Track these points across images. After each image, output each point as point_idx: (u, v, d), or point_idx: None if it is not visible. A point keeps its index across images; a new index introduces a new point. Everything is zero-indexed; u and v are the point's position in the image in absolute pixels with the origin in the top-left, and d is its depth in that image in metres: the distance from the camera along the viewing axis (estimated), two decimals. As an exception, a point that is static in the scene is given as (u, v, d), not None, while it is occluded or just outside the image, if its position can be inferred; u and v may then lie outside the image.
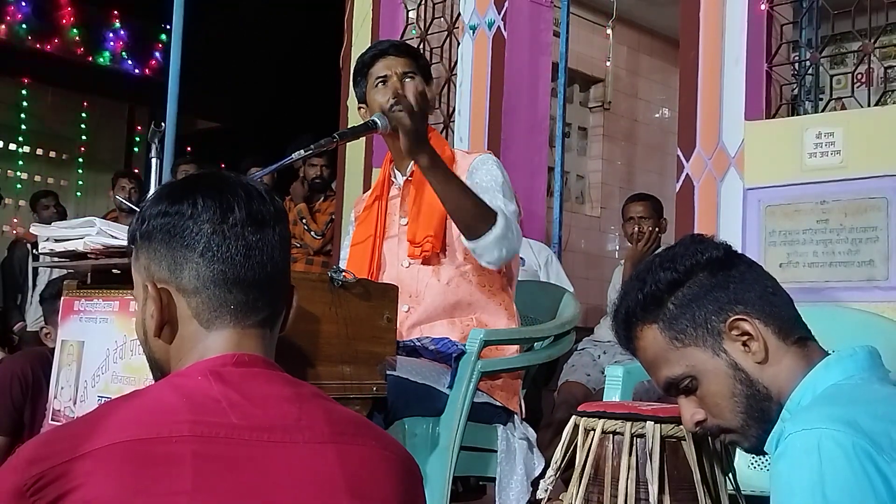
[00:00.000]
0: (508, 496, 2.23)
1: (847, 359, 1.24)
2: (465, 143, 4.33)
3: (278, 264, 1.12)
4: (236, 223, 1.09)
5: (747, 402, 1.27)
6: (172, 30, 3.95)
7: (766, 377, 1.26)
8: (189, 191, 1.12)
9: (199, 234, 1.09)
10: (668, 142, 5.73)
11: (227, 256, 1.08)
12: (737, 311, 1.27)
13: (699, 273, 1.30)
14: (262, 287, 1.10)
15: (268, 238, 1.11)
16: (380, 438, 1.11)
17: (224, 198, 1.10)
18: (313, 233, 4.83)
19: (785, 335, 1.27)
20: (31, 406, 2.95)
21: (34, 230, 2.12)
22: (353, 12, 4.86)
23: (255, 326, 1.11)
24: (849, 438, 1.05)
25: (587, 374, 3.88)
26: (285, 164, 2.21)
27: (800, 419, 1.12)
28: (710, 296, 1.28)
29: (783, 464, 1.10)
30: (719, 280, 1.29)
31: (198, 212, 1.09)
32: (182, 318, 1.11)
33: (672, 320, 1.29)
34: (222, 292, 1.09)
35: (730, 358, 1.27)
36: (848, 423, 1.07)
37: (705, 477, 1.87)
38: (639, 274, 1.34)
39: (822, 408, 1.14)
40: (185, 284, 1.10)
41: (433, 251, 2.31)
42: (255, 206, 1.11)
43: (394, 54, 2.38)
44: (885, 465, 1.04)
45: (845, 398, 1.16)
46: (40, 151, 9.46)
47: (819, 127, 3.20)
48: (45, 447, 0.96)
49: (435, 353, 2.21)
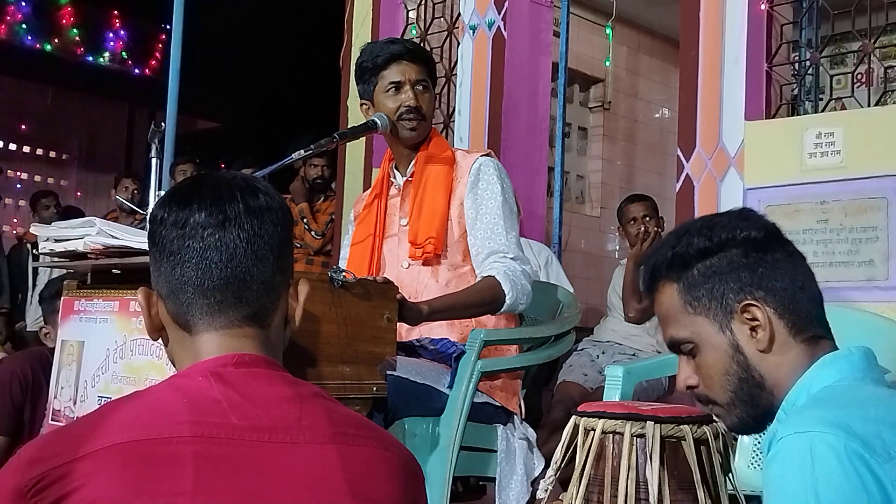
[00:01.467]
0: (508, 496, 2.23)
1: (842, 359, 1.24)
2: (465, 142, 4.33)
3: (243, 262, 1.10)
4: (196, 225, 1.09)
5: (738, 384, 1.27)
6: (172, 30, 3.95)
7: (766, 366, 1.26)
8: (167, 197, 1.15)
9: (165, 239, 1.11)
10: (668, 142, 5.73)
11: (185, 259, 1.09)
12: (754, 296, 1.26)
13: (732, 249, 1.28)
14: (226, 287, 1.09)
15: (229, 237, 1.09)
16: (381, 438, 1.11)
17: (188, 202, 1.11)
18: (313, 233, 4.82)
19: (797, 331, 1.26)
20: (31, 406, 2.95)
21: (34, 230, 2.12)
22: (353, 12, 4.86)
23: (235, 326, 1.10)
24: (841, 441, 1.05)
25: (584, 374, 3.88)
26: (285, 164, 2.21)
27: (792, 422, 1.13)
28: (734, 274, 1.27)
29: (776, 467, 1.10)
30: (749, 261, 1.28)
31: (167, 218, 1.11)
32: (166, 322, 1.13)
33: (692, 286, 1.30)
34: (186, 296, 1.10)
35: (734, 338, 1.27)
36: (840, 426, 1.07)
37: (705, 477, 1.87)
38: (678, 231, 1.34)
39: (814, 411, 1.14)
40: (161, 290, 1.12)
41: (434, 252, 2.31)
42: (221, 206, 1.10)
43: (409, 60, 2.36)
44: (877, 466, 1.04)
45: (837, 401, 1.17)
46: (40, 151, 9.46)
47: (819, 127, 3.20)
48: (46, 448, 0.97)
49: (435, 353, 2.21)
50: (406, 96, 2.33)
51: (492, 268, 2.27)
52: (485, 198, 2.34)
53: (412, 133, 2.37)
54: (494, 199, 2.33)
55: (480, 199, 2.34)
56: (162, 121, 2.44)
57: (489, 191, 2.34)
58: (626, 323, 4.05)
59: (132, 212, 4.89)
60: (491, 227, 2.31)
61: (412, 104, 2.33)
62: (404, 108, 2.33)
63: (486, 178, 2.35)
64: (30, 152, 9.37)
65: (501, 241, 2.30)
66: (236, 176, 1.17)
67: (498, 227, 2.31)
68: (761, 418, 1.28)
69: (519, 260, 2.31)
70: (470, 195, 2.35)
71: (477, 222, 2.33)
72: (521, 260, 2.32)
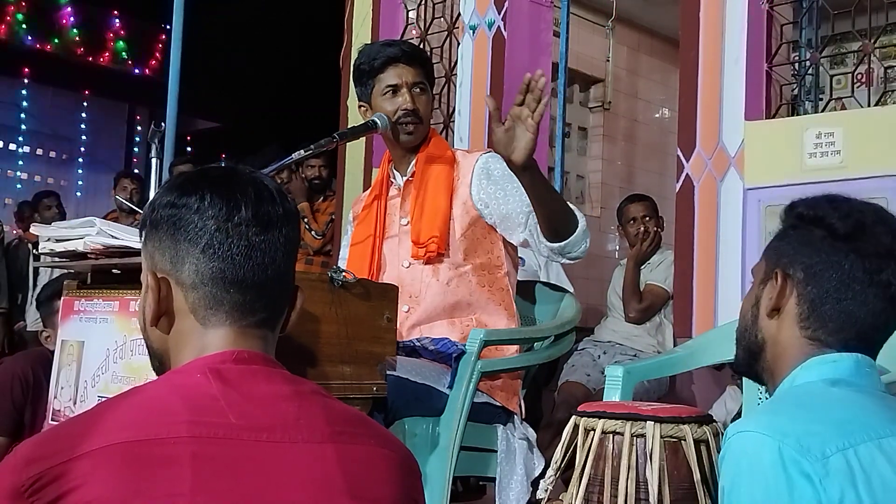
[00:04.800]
0: (508, 496, 2.23)
1: (827, 364, 1.24)
2: (465, 142, 4.33)
3: (280, 267, 1.11)
4: (241, 222, 1.08)
5: (745, 331, 1.35)
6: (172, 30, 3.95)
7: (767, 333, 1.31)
8: (199, 184, 1.11)
9: (202, 229, 1.08)
10: (668, 142, 5.72)
11: (227, 255, 1.08)
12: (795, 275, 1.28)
13: (817, 229, 1.29)
14: (262, 289, 1.10)
15: (272, 240, 1.10)
16: (379, 437, 1.11)
17: (232, 195, 1.09)
18: (313, 233, 4.82)
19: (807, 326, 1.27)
20: (31, 407, 2.94)
21: (34, 230, 2.12)
22: (353, 12, 4.86)
23: (253, 327, 1.10)
24: (776, 442, 1.10)
25: (587, 375, 3.88)
26: (285, 165, 2.21)
27: (741, 422, 1.18)
28: (802, 246, 1.29)
29: (724, 465, 1.17)
30: (822, 245, 1.28)
31: (204, 207, 1.08)
32: (179, 311, 1.10)
33: (777, 236, 1.34)
34: (220, 291, 1.08)
35: (760, 292, 1.33)
36: (777, 427, 1.12)
37: (705, 477, 1.87)
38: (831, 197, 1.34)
39: (762, 414, 1.19)
40: (184, 278, 1.09)
41: (437, 251, 2.31)
42: (264, 206, 1.10)
43: (405, 63, 2.35)
44: (808, 466, 1.08)
45: (791, 401, 1.22)
46: (40, 151, 9.47)
47: (819, 127, 3.19)
48: (43, 447, 0.96)
49: (435, 354, 2.21)
50: (403, 100, 2.34)
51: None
52: (504, 180, 2.29)
53: (409, 136, 2.38)
54: (513, 181, 2.26)
55: (498, 184, 2.30)
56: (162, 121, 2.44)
57: (504, 177, 2.29)
58: (627, 323, 4.05)
59: (132, 212, 4.89)
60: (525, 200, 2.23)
61: (409, 107, 2.34)
62: (401, 112, 2.34)
63: (499, 168, 2.31)
64: (30, 152, 9.36)
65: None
66: (262, 175, 1.16)
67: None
68: (753, 374, 1.36)
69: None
70: (483, 184, 2.32)
71: (502, 198, 2.28)
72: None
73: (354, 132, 2.45)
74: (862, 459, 1.10)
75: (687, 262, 3.49)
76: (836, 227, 1.27)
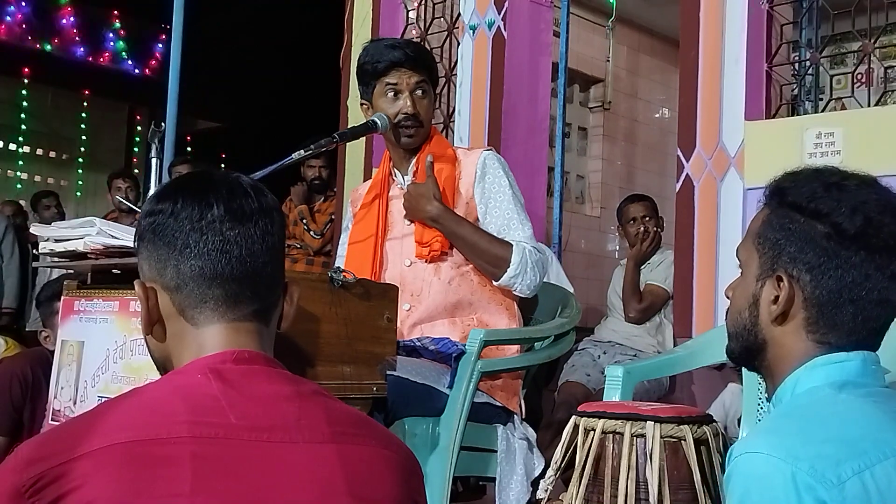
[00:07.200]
0: (508, 496, 2.23)
1: (833, 365, 1.20)
2: (465, 142, 4.33)
3: (260, 259, 1.12)
4: (214, 219, 1.10)
5: (743, 330, 1.28)
6: (172, 30, 3.95)
7: (770, 335, 1.24)
8: (173, 190, 1.14)
9: (178, 231, 1.10)
10: (668, 142, 5.72)
11: (203, 252, 1.09)
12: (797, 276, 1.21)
13: (819, 223, 1.20)
14: (244, 281, 1.11)
15: (248, 233, 1.11)
16: (380, 437, 1.11)
17: (205, 195, 1.11)
18: (313, 233, 4.83)
19: (815, 329, 1.21)
20: (30, 406, 2.94)
21: (34, 230, 2.12)
22: (353, 12, 4.86)
23: (244, 320, 1.11)
24: (788, 467, 1.05)
25: (587, 375, 3.87)
26: (284, 165, 2.20)
27: (748, 441, 1.12)
28: (801, 244, 1.21)
29: (730, 485, 1.11)
30: (828, 244, 1.19)
31: (178, 209, 1.11)
32: (169, 315, 1.12)
33: (770, 225, 1.25)
34: (202, 288, 1.10)
35: (759, 292, 1.25)
36: (790, 450, 1.06)
37: (705, 477, 1.87)
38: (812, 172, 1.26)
39: (770, 434, 1.13)
40: (168, 282, 1.11)
41: (441, 250, 2.33)
42: (237, 201, 1.12)
43: (409, 67, 2.36)
44: (824, 492, 1.04)
45: (800, 417, 1.15)
46: (40, 151, 9.46)
47: (819, 127, 3.20)
48: (44, 447, 0.96)
49: (435, 353, 2.21)
50: (404, 103, 2.35)
51: (516, 243, 2.30)
52: (493, 191, 2.37)
53: (409, 140, 2.39)
54: (503, 193, 2.36)
55: (489, 194, 2.37)
56: (162, 121, 2.44)
57: (496, 184, 2.37)
58: (627, 323, 4.05)
59: (131, 211, 4.89)
60: (506, 222, 2.34)
61: (410, 111, 2.35)
62: (402, 116, 2.35)
63: (493, 172, 2.38)
64: (30, 152, 9.36)
65: (518, 234, 2.33)
66: (239, 175, 1.18)
67: (513, 222, 2.35)
68: (751, 367, 1.31)
69: (538, 250, 2.33)
70: (478, 188, 2.38)
71: (487, 216, 2.36)
72: (540, 251, 2.35)
73: (354, 132, 2.45)
74: (878, 481, 1.05)
75: (687, 263, 3.49)
76: (845, 228, 1.18)
